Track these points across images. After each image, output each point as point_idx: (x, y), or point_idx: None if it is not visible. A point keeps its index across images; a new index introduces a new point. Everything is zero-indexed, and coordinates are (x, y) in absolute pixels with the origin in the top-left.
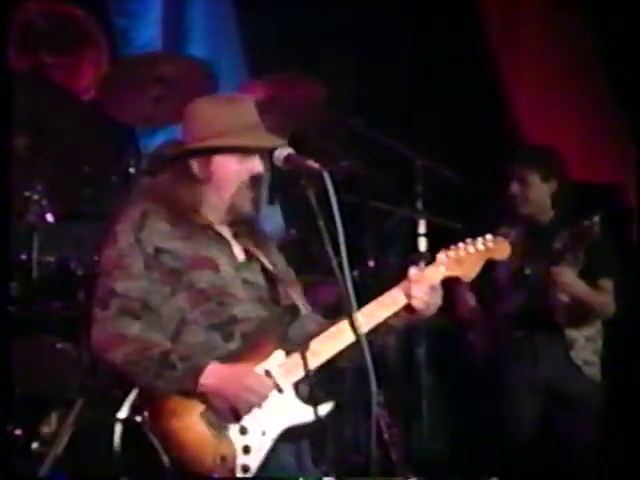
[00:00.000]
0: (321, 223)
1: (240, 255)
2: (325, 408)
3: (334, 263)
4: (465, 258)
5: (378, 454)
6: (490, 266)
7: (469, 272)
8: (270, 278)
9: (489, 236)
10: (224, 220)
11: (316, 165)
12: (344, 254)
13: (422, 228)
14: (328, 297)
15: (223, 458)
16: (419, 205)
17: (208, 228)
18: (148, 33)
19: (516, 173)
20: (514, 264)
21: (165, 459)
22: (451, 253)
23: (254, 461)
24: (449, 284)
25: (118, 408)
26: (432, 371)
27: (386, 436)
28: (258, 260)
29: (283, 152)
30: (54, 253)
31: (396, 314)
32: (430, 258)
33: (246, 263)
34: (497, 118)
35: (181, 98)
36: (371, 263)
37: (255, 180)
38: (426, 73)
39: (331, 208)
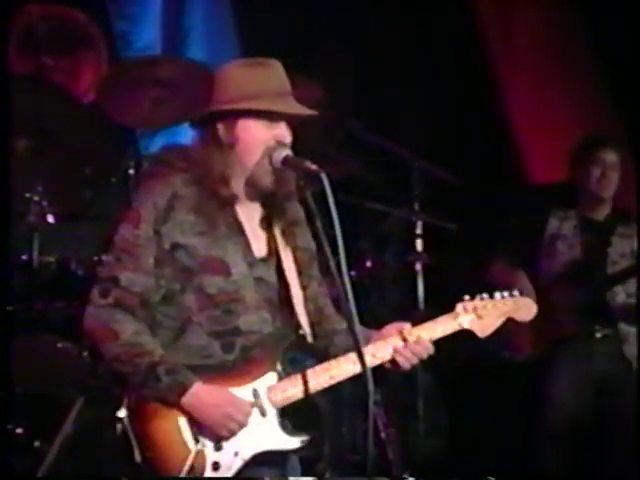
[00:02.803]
0: (319, 224)
1: (259, 251)
2: (304, 440)
3: (332, 264)
4: (485, 313)
5: (375, 453)
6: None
7: (485, 328)
8: (285, 279)
9: (516, 292)
10: (252, 194)
11: (314, 167)
12: (342, 255)
13: (419, 229)
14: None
15: (191, 469)
16: (416, 206)
17: (232, 214)
18: (148, 36)
19: (598, 156)
20: (574, 257)
21: (137, 457)
22: (471, 305)
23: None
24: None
25: (118, 407)
26: (429, 370)
27: (383, 435)
28: (277, 258)
29: (281, 154)
30: (54, 254)
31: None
32: (427, 259)
33: (264, 260)
34: (494, 119)
35: (180, 100)
36: (368, 264)
37: (282, 148)
38: (423, 75)
39: (329, 209)
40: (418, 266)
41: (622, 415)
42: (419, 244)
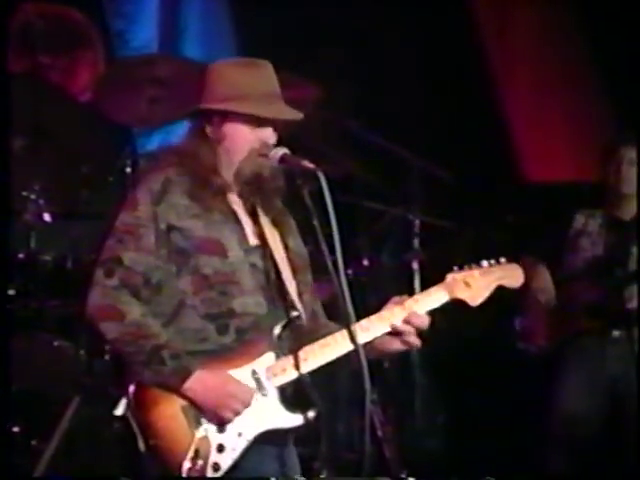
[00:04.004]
0: (316, 222)
1: (253, 239)
2: (307, 416)
3: (329, 262)
4: (474, 281)
5: (372, 451)
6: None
7: (476, 297)
8: (277, 268)
9: (504, 261)
10: (240, 188)
11: (311, 165)
12: (339, 253)
13: (416, 227)
14: (323, 295)
15: (197, 453)
16: (413, 205)
17: (225, 202)
18: (144, 35)
19: (627, 153)
20: (596, 254)
21: (141, 446)
22: (460, 275)
23: (226, 460)
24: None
25: (115, 406)
26: (426, 369)
27: (380, 433)
28: (269, 247)
29: (278, 152)
30: (51, 252)
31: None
32: (424, 256)
33: (257, 248)
34: (491, 118)
35: (177, 99)
36: (365, 262)
37: (266, 149)
38: (421, 74)
39: (326, 208)
40: (415, 265)
41: (633, 418)
42: (416, 242)
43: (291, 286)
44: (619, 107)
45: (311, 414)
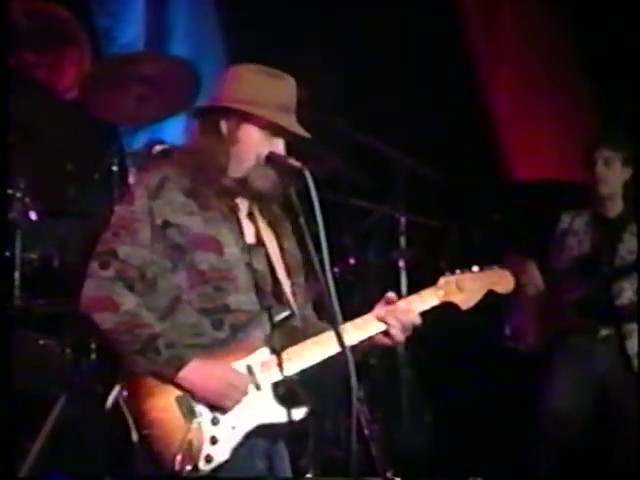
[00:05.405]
0: (302, 221)
1: (250, 238)
2: (300, 412)
3: (315, 260)
4: (466, 285)
5: (358, 449)
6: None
7: (468, 300)
8: (272, 267)
9: (495, 267)
10: (241, 192)
11: (297, 163)
12: (325, 251)
13: (402, 226)
14: (309, 294)
15: (190, 444)
16: (399, 203)
17: (226, 202)
18: (131, 33)
19: (602, 154)
20: (582, 252)
21: (134, 436)
22: (453, 278)
23: (219, 453)
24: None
25: (101, 404)
26: (413, 367)
27: (366, 432)
28: (265, 247)
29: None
30: (37, 250)
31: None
32: (410, 256)
33: (253, 247)
34: (478, 118)
35: (163, 97)
36: (352, 260)
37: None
38: (408, 73)
39: (312, 206)
40: (401, 263)
41: (622, 416)
42: (402, 241)
43: (286, 285)
44: (605, 107)
45: (304, 410)
